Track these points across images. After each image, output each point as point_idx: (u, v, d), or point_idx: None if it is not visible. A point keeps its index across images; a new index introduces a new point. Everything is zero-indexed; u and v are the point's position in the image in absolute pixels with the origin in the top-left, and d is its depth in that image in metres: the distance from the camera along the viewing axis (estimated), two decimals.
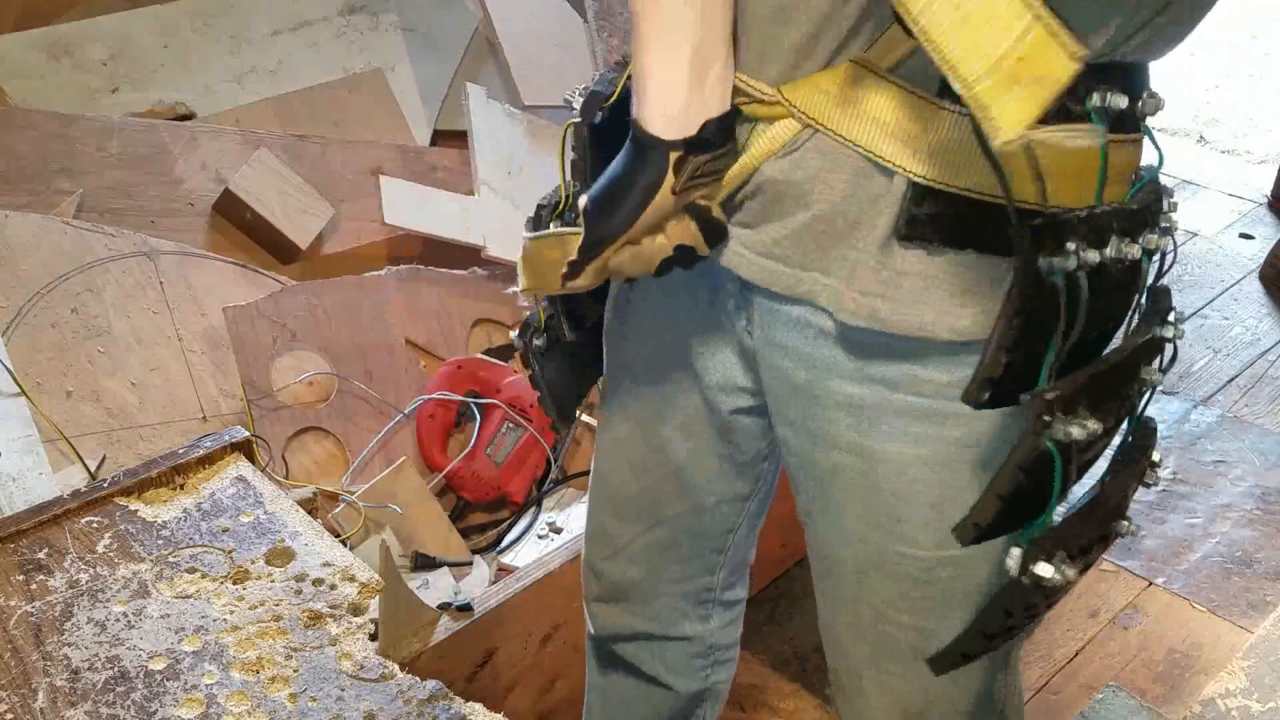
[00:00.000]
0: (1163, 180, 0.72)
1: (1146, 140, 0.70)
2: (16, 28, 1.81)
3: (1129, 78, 0.66)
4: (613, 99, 0.80)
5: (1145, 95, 0.68)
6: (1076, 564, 0.70)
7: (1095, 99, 0.64)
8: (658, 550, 1.03)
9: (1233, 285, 2.70)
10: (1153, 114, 0.68)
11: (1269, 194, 3.05)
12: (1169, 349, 0.72)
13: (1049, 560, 0.69)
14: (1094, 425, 0.65)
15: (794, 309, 0.76)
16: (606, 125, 0.81)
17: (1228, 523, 1.97)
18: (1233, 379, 2.37)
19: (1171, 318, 0.72)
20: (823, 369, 0.77)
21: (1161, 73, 0.69)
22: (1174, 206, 0.72)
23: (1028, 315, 0.64)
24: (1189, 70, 3.78)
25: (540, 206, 0.87)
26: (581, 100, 0.82)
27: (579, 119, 0.82)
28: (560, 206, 0.86)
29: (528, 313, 0.95)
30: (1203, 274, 2.74)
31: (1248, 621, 1.75)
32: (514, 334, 0.96)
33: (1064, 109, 0.63)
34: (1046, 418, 0.65)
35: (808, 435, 0.81)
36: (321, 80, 2.02)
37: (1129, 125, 0.68)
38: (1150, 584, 1.84)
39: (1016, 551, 0.69)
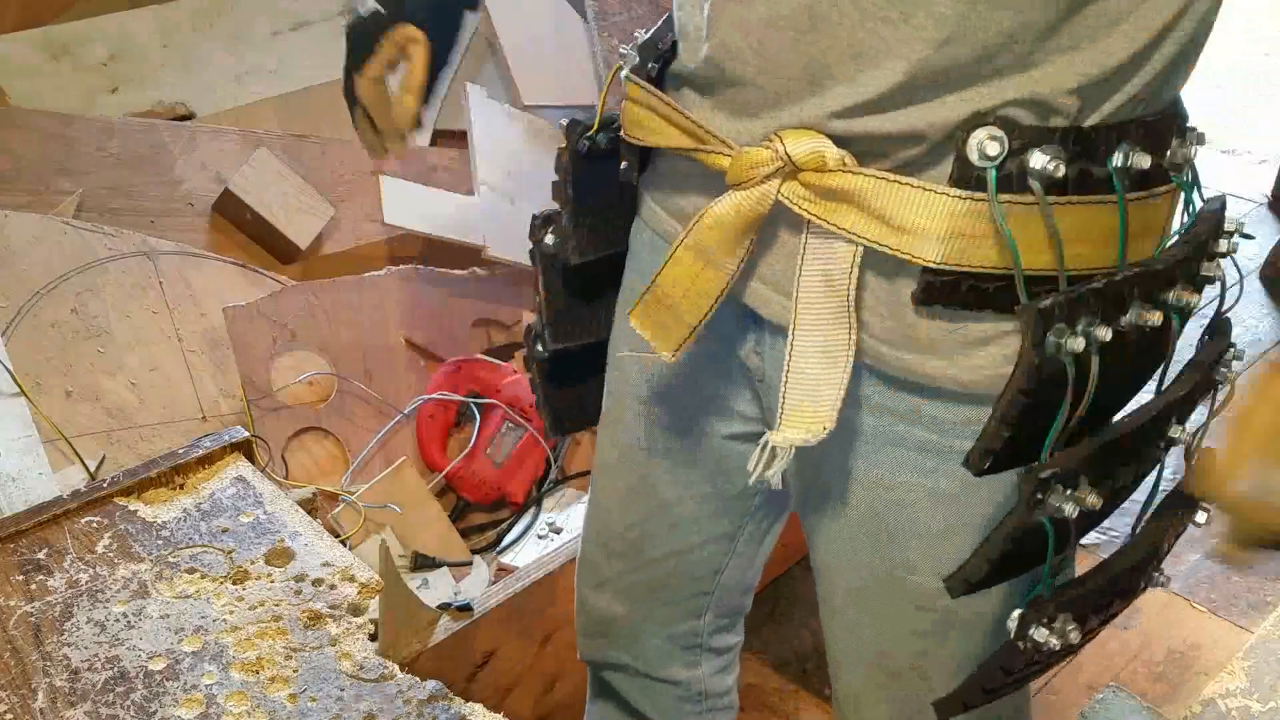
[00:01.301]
0: (1228, 208, 0.70)
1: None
2: (16, 28, 1.80)
3: (1155, 130, 0.64)
4: (594, 129, 0.83)
5: (1175, 144, 0.65)
6: (1086, 625, 0.69)
7: (1117, 159, 0.62)
8: (643, 590, 1.02)
9: (1232, 285, 2.70)
10: (1184, 162, 0.65)
11: (1269, 194, 3.05)
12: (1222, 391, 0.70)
13: (1048, 625, 0.68)
14: (1093, 500, 0.64)
15: None
16: (592, 153, 0.84)
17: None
18: None
19: (1229, 355, 0.69)
20: (872, 414, 0.75)
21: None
22: (1234, 236, 0.70)
23: (1033, 394, 0.62)
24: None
25: (535, 218, 0.90)
26: (567, 127, 0.85)
27: (563, 144, 0.85)
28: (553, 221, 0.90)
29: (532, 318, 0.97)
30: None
31: (1248, 621, 1.75)
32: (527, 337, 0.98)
33: (1084, 174, 0.61)
34: (1039, 496, 0.63)
35: (811, 461, 0.79)
36: (321, 80, 2.02)
37: (1156, 180, 0.65)
38: None
39: (1016, 613, 0.69)
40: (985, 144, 0.60)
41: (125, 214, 1.72)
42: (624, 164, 0.82)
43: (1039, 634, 0.68)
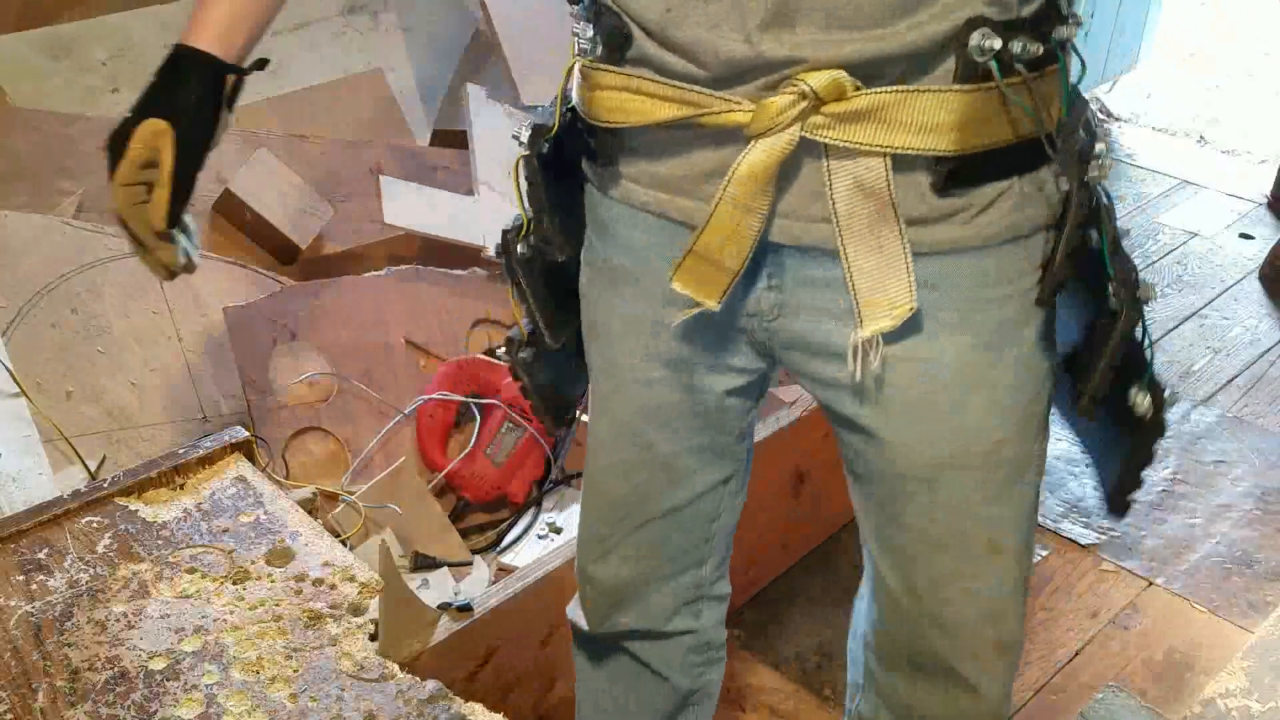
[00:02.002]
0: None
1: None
2: (16, 28, 1.80)
3: (1057, 12, 0.76)
4: (554, 130, 0.89)
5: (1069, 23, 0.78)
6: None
7: (1059, 34, 0.76)
8: (647, 547, 1.04)
9: (1233, 285, 2.70)
10: (1068, 38, 0.78)
11: (1269, 194, 3.05)
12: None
13: (1168, 400, 0.84)
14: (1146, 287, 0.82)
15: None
16: (552, 155, 0.90)
17: (1228, 523, 1.97)
18: (1233, 379, 2.37)
19: (1097, 150, 0.81)
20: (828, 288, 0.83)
21: (1162, 73, 0.72)
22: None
23: (1087, 222, 0.78)
24: (1189, 70, 3.78)
25: (505, 232, 0.95)
26: (528, 134, 0.90)
27: (528, 152, 0.89)
28: (523, 230, 0.94)
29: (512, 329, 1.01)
30: (1202, 274, 2.74)
31: (1248, 621, 1.75)
32: (500, 350, 1.01)
33: (1038, 53, 0.75)
34: (1141, 300, 0.80)
35: (833, 356, 0.85)
36: (321, 80, 2.02)
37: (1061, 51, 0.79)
38: (1150, 584, 1.84)
39: (1145, 397, 0.83)
40: (985, 42, 0.72)
41: None
42: (595, 150, 0.87)
43: (1167, 411, 0.84)
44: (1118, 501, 0.91)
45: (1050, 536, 1.94)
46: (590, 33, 0.82)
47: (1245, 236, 2.90)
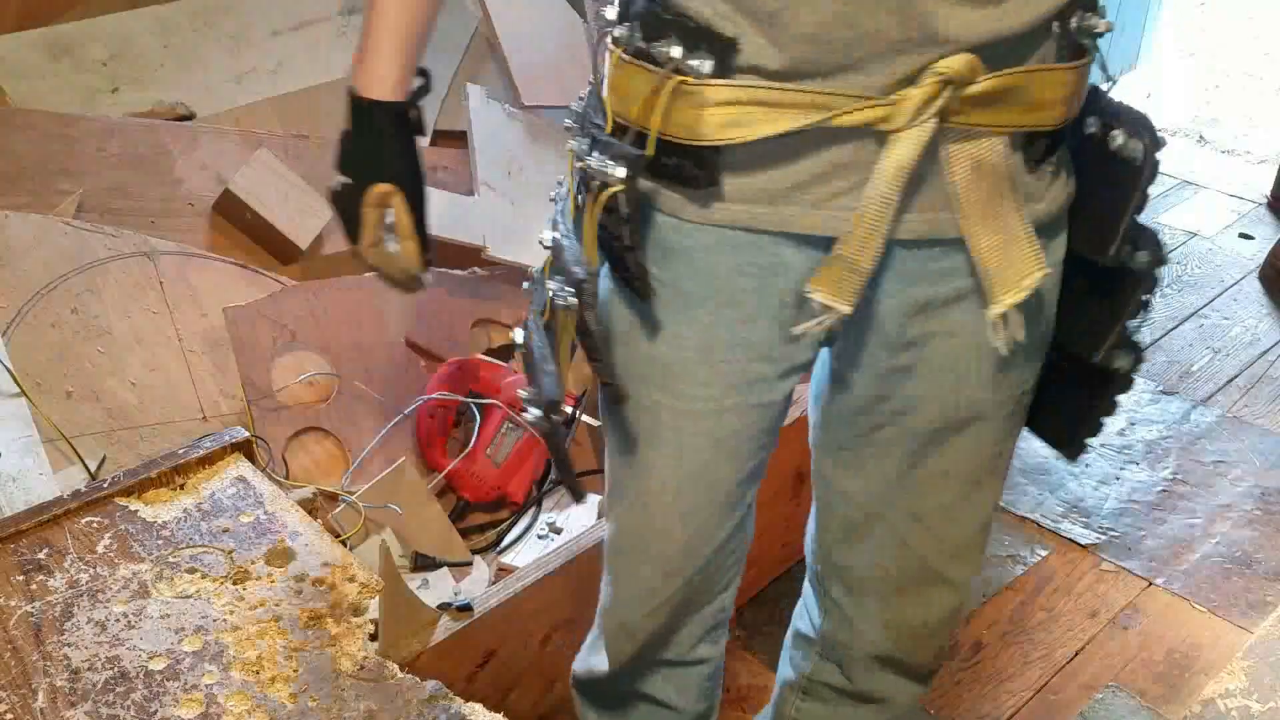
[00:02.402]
0: (1160, 179, 0.92)
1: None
2: (16, 28, 1.80)
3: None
4: (649, 152, 0.81)
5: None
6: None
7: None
8: (695, 588, 1.04)
9: (1233, 285, 2.70)
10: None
11: (1269, 194, 3.06)
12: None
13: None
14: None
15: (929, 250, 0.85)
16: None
17: (1228, 523, 1.97)
18: (1233, 379, 2.37)
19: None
20: (946, 280, 0.86)
21: (1162, 73, 0.75)
22: None
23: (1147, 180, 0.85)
24: (1188, 70, 3.78)
25: (582, 283, 0.85)
26: (620, 168, 0.81)
27: (623, 184, 0.81)
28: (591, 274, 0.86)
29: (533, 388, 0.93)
30: (1202, 274, 2.74)
31: (1248, 621, 1.75)
32: (534, 411, 0.93)
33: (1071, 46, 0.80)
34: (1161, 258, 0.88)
35: (902, 345, 0.89)
36: (321, 80, 2.02)
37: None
38: (1150, 584, 1.84)
39: (1129, 357, 0.92)
40: (1084, 22, 0.78)
41: (125, 214, 1.72)
42: (695, 175, 0.81)
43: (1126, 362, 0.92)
44: (1078, 446, 0.99)
45: (1050, 536, 1.94)
46: (678, 51, 0.77)
47: (1245, 236, 2.90)
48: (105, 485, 1.11)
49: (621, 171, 0.80)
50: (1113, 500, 2.01)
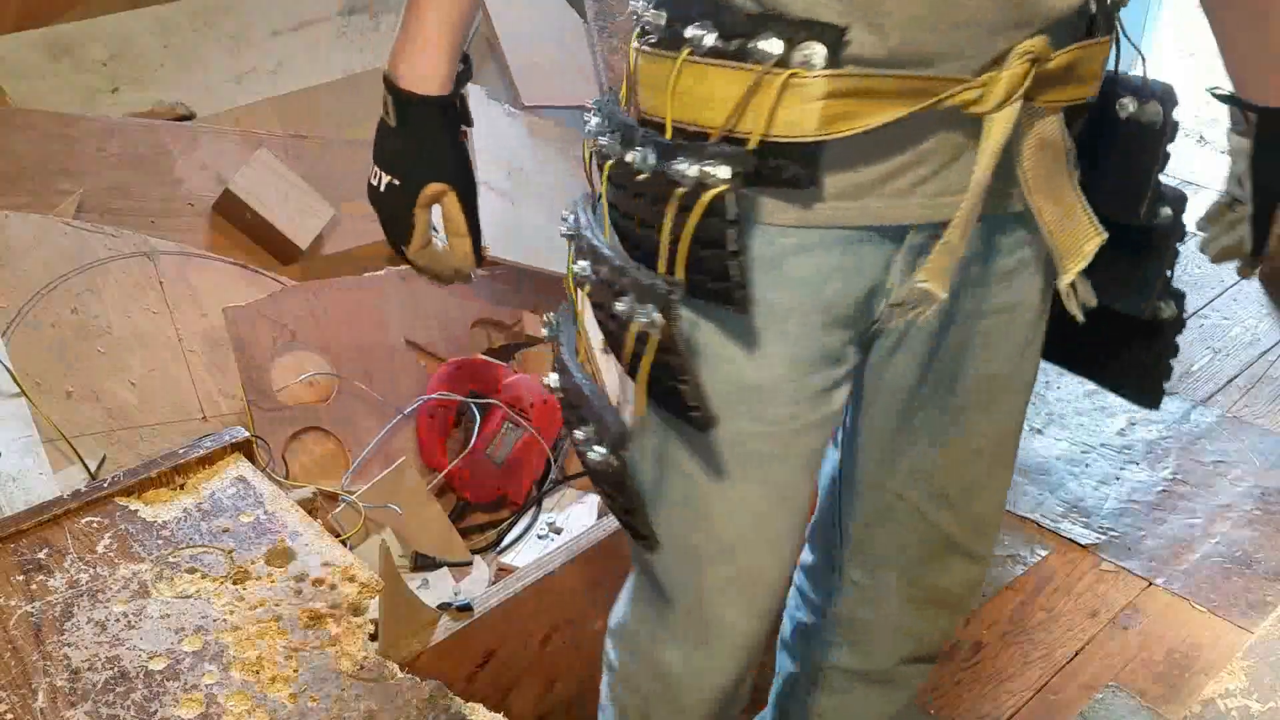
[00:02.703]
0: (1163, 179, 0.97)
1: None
2: (16, 28, 1.80)
3: None
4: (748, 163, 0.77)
5: None
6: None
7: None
8: (774, 622, 1.04)
9: (1233, 285, 2.70)
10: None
11: None
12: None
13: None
14: None
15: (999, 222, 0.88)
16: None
17: (1228, 523, 1.97)
18: (1233, 379, 2.37)
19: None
20: (1003, 254, 0.89)
21: (1162, 73, 0.82)
22: None
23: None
24: (1189, 70, 3.78)
25: (671, 300, 0.78)
26: (724, 169, 0.75)
27: (725, 186, 0.74)
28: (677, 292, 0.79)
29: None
30: (1203, 274, 2.74)
31: (1248, 621, 1.75)
32: (599, 451, 0.88)
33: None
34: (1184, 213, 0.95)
35: (958, 325, 0.92)
36: (321, 80, 2.02)
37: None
38: (1150, 584, 1.84)
39: (1171, 304, 1.01)
40: None
41: (125, 214, 1.72)
42: (797, 174, 0.76)
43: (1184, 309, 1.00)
44: (1159, 394, 1.03)
45: (1050, 536, 1.94)
46: (778, 47, 0.72)
47: None
48: (105, 485, 1.11)
49: (726, 172, 0.74)
50: (1113, 500, 2.01)
